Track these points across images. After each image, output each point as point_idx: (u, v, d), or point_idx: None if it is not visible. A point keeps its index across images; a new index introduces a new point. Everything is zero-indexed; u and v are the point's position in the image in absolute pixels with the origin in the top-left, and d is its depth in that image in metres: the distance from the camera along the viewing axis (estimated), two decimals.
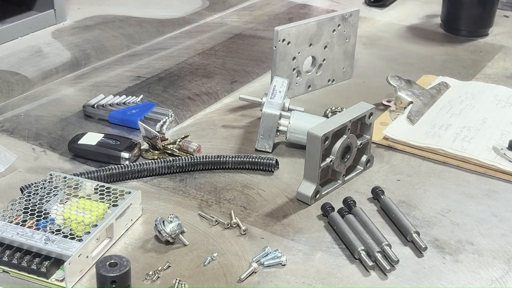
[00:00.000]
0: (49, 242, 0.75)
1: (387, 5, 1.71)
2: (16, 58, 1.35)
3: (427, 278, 0.78)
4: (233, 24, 1.57)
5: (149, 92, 1.21)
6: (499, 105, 1.14)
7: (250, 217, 0.87)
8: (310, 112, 1.06)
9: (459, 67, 1.35)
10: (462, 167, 1.00)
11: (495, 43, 1.48)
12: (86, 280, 0.75)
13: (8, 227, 0.77)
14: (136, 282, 0.75)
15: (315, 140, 0.87)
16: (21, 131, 1.07)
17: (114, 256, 0.71)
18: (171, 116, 1.10)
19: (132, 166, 0.94)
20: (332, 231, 0.85)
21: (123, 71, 1.30)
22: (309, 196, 0.89)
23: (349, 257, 0.81)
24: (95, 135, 1.00)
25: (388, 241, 0.81)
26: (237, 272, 0.77)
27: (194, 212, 0.88)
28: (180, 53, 1.39)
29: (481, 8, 1.48)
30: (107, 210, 0.81)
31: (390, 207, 0.87)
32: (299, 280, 0.77)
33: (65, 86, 1.23)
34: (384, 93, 1.19)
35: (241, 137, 1.07)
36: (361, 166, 0.97)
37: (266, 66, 1.33)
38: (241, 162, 0.97)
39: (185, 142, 1.01)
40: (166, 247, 0.81)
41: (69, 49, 1.40)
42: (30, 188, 0.85)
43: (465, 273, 0.79)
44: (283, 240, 0.83)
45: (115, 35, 1.48)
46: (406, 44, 1.47)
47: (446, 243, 0.84)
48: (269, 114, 1.00)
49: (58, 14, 1.52)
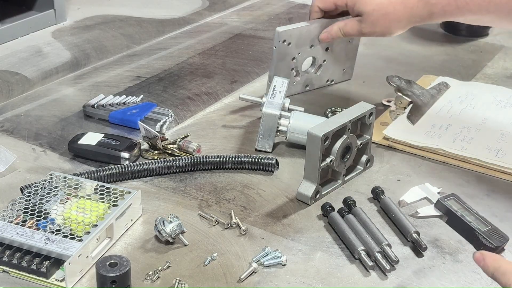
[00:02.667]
0: (49, 242, 0.75)
1: None
2: (16, 58, 1.35)
3: (427, 278, 0.78)
4: (233, 24, 1.57)
5: (149, 92, 1.21)
6: (499, 105, 1.14)
7: (250, 217, 0.87)
8: (310, 112, 1.06)
9: (459, 67, 1.35)
10: (462, 167, 1.00)
11: (495, 43, 1.48)
12: (86, 280, 0.75)
13: (8, 227, 0.77)
14: (136, 282, 0.75)
15: (315, 140, 0.87)
16: (21, 131, 1.07)
17: (114, 256, 0.71)
18: (171, 116, 1.10)
19: (132, 166, 0.94)
20: (332, 231, 0.85)
21: (123, 71, 1.30)
22: (309, 196, 0.89)
23: (349, 257, 0.80)
24: (95, 135, 1.00)
25: (388, 241, 0.81)
26: (237, 272, 0.77)
27: (194, 212, 0.88)
28: (180, 53, 1.39)
29: None
30: (107, 210, 0.81)
31: (390, 207, 0.87)
32: (299, 280, 0.77)
33: (65, 86, 1.23)
34: (384, 93, 1.19)
35: (241, 137, 1.07)
36: (361, 166, 0.97)
37: (266, 66, 1.33)
38: (241, 162, 0.97)
39: (185, 142, 1.01)
40: (166, 247, 0.81)
41: (69, 49, 1.40)
42: (30, 188, 0.85)
43: (465, 273, 0.79)
44: (283, 240, 0.83)
45: (115, 35, 1.48)
46: (406, 44, 1.47)
47: (446, 243, 0.84)
48: (269, 114, 1.00)
49: (58, 14, 1.52)
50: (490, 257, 0.66)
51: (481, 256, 0.67)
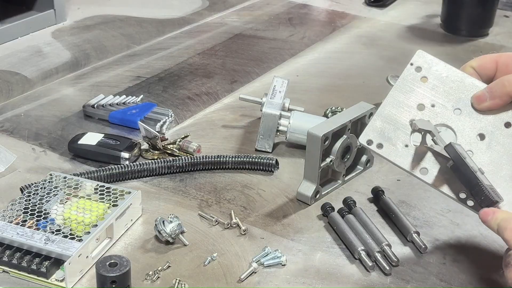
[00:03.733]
0: (49, 242, 0.75)
1: (387, 5, 1.71)
2: (16, 58, 1.35)
3: (427, 278, 0.78)
4: (233, 24, 1.57)
5: (149, 92, 1.21)
6: None
7: (250, 217, 0.87)
8: (310, 112, 1.06)
9: (459, 67, 1.35)
10: None
11: (495, 43, 1.48)
12: (86, 280, 0.75)
13: (8, 227, 0.77)
14: (136, 282, 0.75)
15: (315, 140, 0.87)
16: (21, 131, 1.07)
17: (114, 256, 0.71)
18: (171, 116, 1.10)
19: (132, 166, 0.94)
20: (332, 231, 0.85)
21: (123, 71, 1.30)
22: (309, 196, 0.89)
23: (349, 257, 0.80)
24: (95, 135, 1.00)
25: (388, 241, 0.81)
26: (237, 272, 0.77)
27: (194, 212, 0.88)
28: (180, 53, 1.39)
29: (481, 8, 1.48)
30: (107, 210, 0.81)
31: (390, 207, 0.87)
32: (299, 280, 0.77)
33: (65, 86, 1.23)
34: (384, 93, 1.18)
35: (241, 137, 1.07)
36: (361, 166, 0.97)
37: (266, 66, 1.33)
38: (241, 162, 0.97)
39: (185, 142, 1.01)
40: (166, 247, 0.81)
41: (69, 49, 1.40)
42: (30, 188, 0.85)
43: (465, 273, 0.79)
44: (283, 240, 0.83)
45: (115, 35, 1.48)
46: (406, 44, 1.47)
47: (446, 243, 0.84)
48: (269, 114, 1.00)
49: (58, 14, 1.52)
50: (501, 213, 0.67)
51: (491, 210, 0.67)
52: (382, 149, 0.73)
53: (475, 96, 0.73)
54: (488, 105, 0.72)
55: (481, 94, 0.73)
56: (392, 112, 0.75)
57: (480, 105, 0.73)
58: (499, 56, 0.76)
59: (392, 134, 0.74)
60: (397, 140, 0.73)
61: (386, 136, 0.74)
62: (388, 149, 0.73)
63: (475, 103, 0.73)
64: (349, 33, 1.53)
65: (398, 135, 0.74)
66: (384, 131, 0.74)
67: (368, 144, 0.73)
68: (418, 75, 0.75)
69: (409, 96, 0.75)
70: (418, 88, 0.75)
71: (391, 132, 0.74)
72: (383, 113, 0.75)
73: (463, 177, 0.71)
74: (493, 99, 0.72)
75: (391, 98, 0.75)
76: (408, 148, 0.73)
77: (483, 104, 0.73)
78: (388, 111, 0.75)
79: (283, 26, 1.57)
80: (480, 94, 0.73)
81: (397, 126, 0.74)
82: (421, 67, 0.75)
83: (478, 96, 0.73)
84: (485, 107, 0.73)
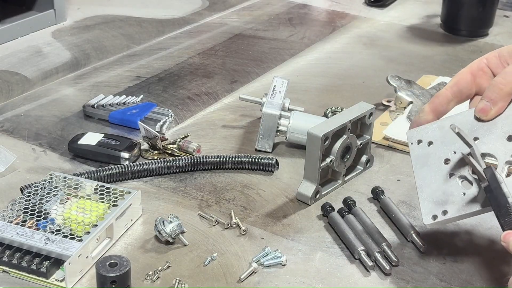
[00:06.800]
0: (49, 242, 0.75)
1: (387, 5, 1.71)
2: (16, 58, 1.35)
3: (427, 278, 0.78)
4: (233, 24, 1.57)
5: (149, 92, 1.21)
6: None
7: (250, 217, 0.87)
8: (310, 112, 1.06)
9: (459, 67, 1.34)
10: None
11: (495, 43, 1.48)
12: (86, 280, 0.75)
13: (8, 227, 0.77)
14: (136, 282, 0.75)
15: (315, 140, 0.87)
16: (21, 131, 1.07)
17: (114, 256, 0.71)
18: (171, 116, 1.10)
19: (132, 166, 0.94)
20: (332, 231, 0.85)
21: (123, 71, 1.30)
22: (309, 196, 0.89)
23: (349, 257, 0.80)
24: (95, 135, 1.00)
25: (388, 241, 0.81)
26: (237, 272, 0.77)
27: (194, 212, 0.88)
28: (180, 53, 1.39)
29: (481, 8, 1.48)
30: (107, 210, 0.81)
31: (390, 207, 0.87)
32: (299, 280, 0.77)
33: (65, 86, 1.23)
34: (384, 93, 1.19)
35: (241, 137, 1.07)
36: (361, 166, 0.97)
37: (266, 66, 1.33)
38: (241, 162, 0.97)
39: (185, 142, 1.01)
40: (166, 247, 0.81)
41: (69, 49, 1.40)
42: (30, 188, 0.85)
43: (465, 273, 0.79)
44: (283, 240, 0.83)
45: (115, 35, 1.48)
46: (406, 44, 1.47)
47: (446, 243, 0.84)
48: (269, 114, 1.00)
49: (58, 14, 1.52)
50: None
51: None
52: (449, 213, 0.74)
53: (478, 110, 0.73)
54: (495, 112, 0.73)
55: (484, 105, 0.72)
56: (429, 184, 0.76)
57: (488, 115, 0.73)
58: (469, 67, 0.77)
59: (445, 196, 0.75)
60: (453, 197, 0.74)
61: (441, 201, 0.75)
62: (453, 209, 0.74)
63: (482, 116, 0.73)
64: (349, 33, 1.53)
65: (450, 192, 0.74)
66: (436, 200, 0.75)
67: (435, 219, 0.74)
68: (423, 146, 0.77)
69: (430, 164, 0.76)
70: (431, 153, 0.76)
71: (443, 196, 0.75)
72: (424, 192, 0.76)
73: (495, 199, 0.71)
74: (496, 105, 0.72)
75: (419, 179, 0.77)
76: (465, 196, 0.74)
77: (489, 113, 0.73)
78: (426, 186, 0.76)
79: (283, 26, 1.57)
80: (483, 106, 0.73)
81: (443, 189, 0.75)
82: (421, 140, 0.77)
83: (482, 108, 0.73)
84: (492, 115, 0.73)
